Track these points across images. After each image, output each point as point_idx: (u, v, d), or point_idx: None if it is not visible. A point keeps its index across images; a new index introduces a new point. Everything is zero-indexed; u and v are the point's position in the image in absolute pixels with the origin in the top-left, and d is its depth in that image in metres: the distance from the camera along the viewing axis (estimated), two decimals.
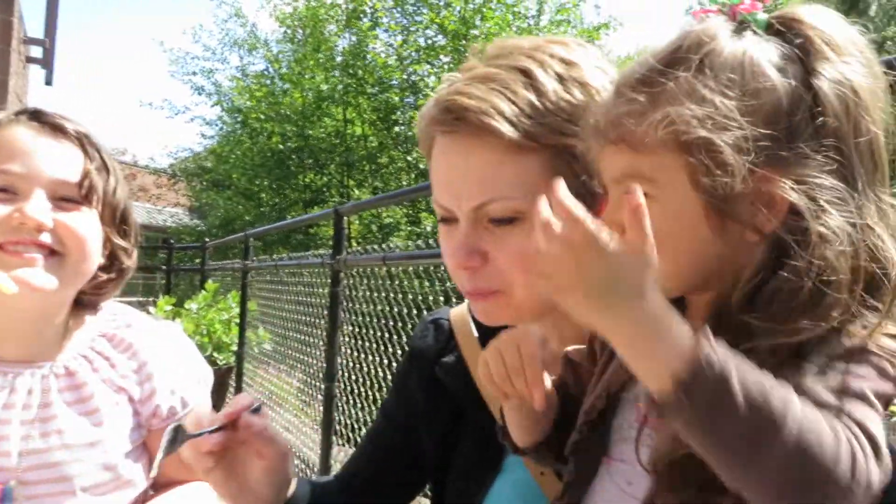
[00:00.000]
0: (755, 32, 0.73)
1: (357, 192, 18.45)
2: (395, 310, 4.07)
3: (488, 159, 0.98)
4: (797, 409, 0.58)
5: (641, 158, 0.73)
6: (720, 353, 0.59)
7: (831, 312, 0.65)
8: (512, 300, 1.03)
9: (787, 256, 0.68)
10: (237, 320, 7.05)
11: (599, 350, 0.89)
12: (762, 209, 0.69)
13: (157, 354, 1.41)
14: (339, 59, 18.60)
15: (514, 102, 0.95)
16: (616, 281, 0.62)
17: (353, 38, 18.04)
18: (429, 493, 1.32)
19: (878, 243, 0.68)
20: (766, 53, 0.71)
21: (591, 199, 0.98)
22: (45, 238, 1.23)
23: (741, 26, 0.74)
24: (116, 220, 1.36)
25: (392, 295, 4.14)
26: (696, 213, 0.70)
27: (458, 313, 1.25)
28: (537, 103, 0.96)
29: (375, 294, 4.33)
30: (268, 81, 20.00)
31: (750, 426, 0.57)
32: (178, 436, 0.99)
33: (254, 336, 7.19)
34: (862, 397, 0.62)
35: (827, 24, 0.72)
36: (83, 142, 1.32)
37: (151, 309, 7.42)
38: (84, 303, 1.40)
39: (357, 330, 4.55)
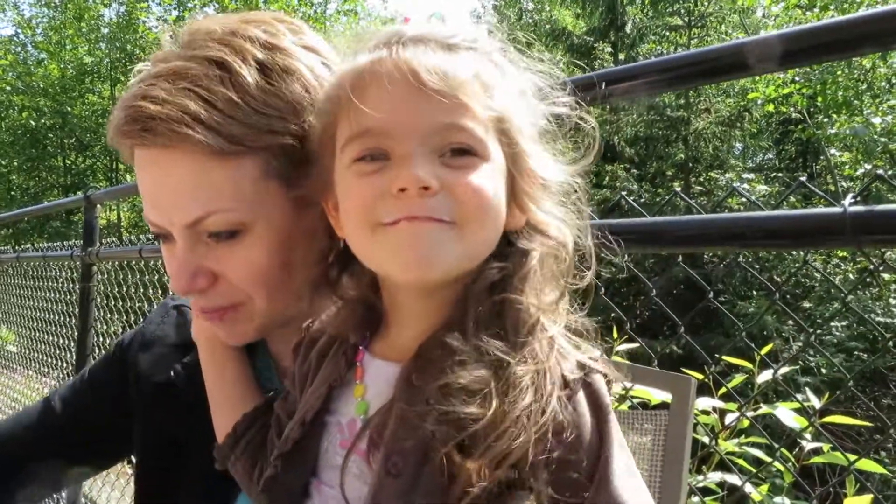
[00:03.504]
0: None
1: (129, 177, 17.02)
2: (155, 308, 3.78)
3: (192, 171, 0.85)
4: None
5: (475, 119, 0.70)
6: None
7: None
8: (253, 312, 0.94)
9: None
10: None
11: (301, 377, 0.85)
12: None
13: None
14: (105, 30, 16.97)
15: (209, 103, 0.83)
16: None
17: (122, 9, 16.55)
18: None
19: None
20: None
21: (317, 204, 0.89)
22: None
23: None
24: None
25: (154, 291, 3.84)
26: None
27: None
28: (238, 101, 0.85)
29: (135, 290, 3.99)
30: (17, 49, 17.71)
31: None
32: None
33: None
34: None
35: None
36: None
37: None
38: None
39: (118, 329, 4.17)
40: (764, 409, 1.79)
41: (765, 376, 1.88)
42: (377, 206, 0.68)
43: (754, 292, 11.05)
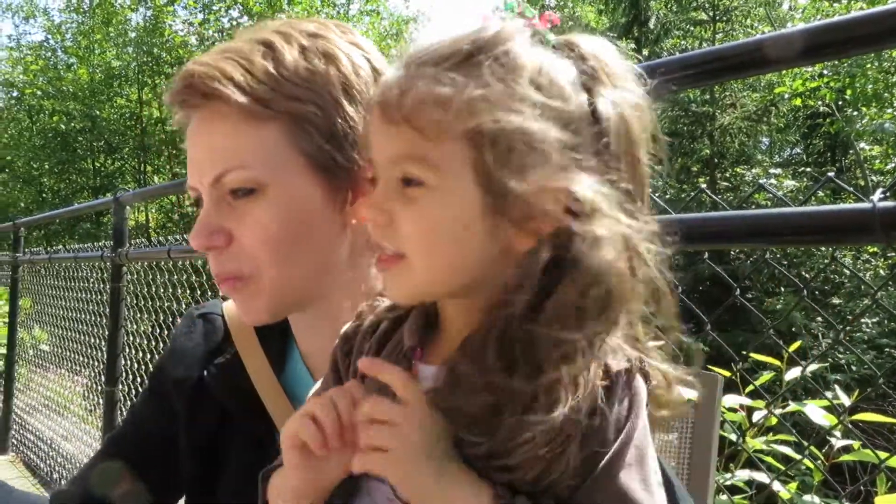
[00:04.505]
0: (546, 47, 0.71)
1: (156, 178, 17.30)
2: (184, 306, 3.83)
3: (222, 129, 0.93)
4: None
5: (427, 144, 0.66)
6: None
7: (614, 313, 0.66)
8: (263, 285, 0.96)
9: (561, 265, 0.66)
10: (6, 319, 6.30)
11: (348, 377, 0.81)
12: (542, 213, 0.66)
13: None
14: (132, 34, 17.21)
15: (247, 70, 0.92)
16: (435, 446, 0.65)
17: (148, 13, 16.77)
18: None
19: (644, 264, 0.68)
20: (560, 67, 0.69)
21: (338, 171, 0.95)
22: None
23: (535, 37, 0.71)
24: None
25: (183, 291, 3.89)
26: (473, 209, 0.67)
27: (233, 307, 1.15)
28: (272, 71, 0.92)
29: (164, 290, 4.05)
30: (48, 54, 18.05)
31: None
32: None
33: (28, 336, 6.46)
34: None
35: (606, 54, 0.72)
36: None
37: None
38: None
39: (147, 328, 4.23)
40: (792, 406, 1.77)
41: (793, 373, 1.86)
42: None
43: (782, 289, 10.90)
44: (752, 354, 1.92)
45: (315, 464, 0.73)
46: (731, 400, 1.83)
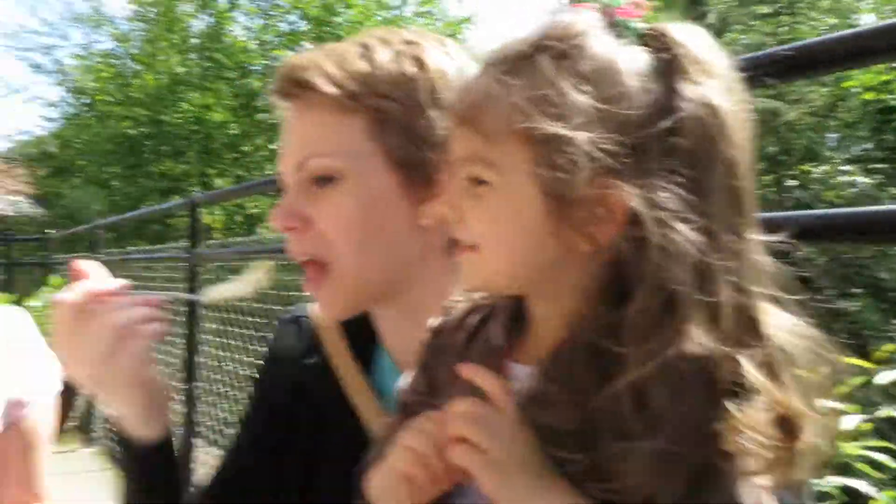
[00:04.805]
0: (626, 39, 0.69)
1: (219, 181, 17.72)
2: (259, 304, 3.93)
3: (311, 118, 0.99)
4: None
5: (488, 144, 0.68)
6: None
7: (686, 328, 0.61)
8: (340, 275, 0.99)
9: (627, 274, 0.64)
10: None
11: (443, 369, 0.80)
12: (600, 218, 0.65)
13: None
14: (194, 41, 17.69)
15: (341, 66, 0.97)
16: (530, 459, 0.65)
17: (210, 20, 17.23)
18: None
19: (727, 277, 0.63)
20: (632, 62, 0.67)
21: (415, 169, 0.98)
22: None
23: (614, 29, 0.70)
24: None
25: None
26: (535, 210, 0.67)
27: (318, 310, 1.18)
28: (364, 68, 0.98)
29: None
30: (116, 62, 18.72)
31: None
32: None
33: None
34: None
35: (696, 44, 0.69)
36: None
37: None
38: None
39: (221, 327, 4.36)
40: (886, 411, 1.72)
41: (887, 377, 1.80)
42: None
43: (853, 290, 10.52)
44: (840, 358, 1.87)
45: (421, 488, 0.72)
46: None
